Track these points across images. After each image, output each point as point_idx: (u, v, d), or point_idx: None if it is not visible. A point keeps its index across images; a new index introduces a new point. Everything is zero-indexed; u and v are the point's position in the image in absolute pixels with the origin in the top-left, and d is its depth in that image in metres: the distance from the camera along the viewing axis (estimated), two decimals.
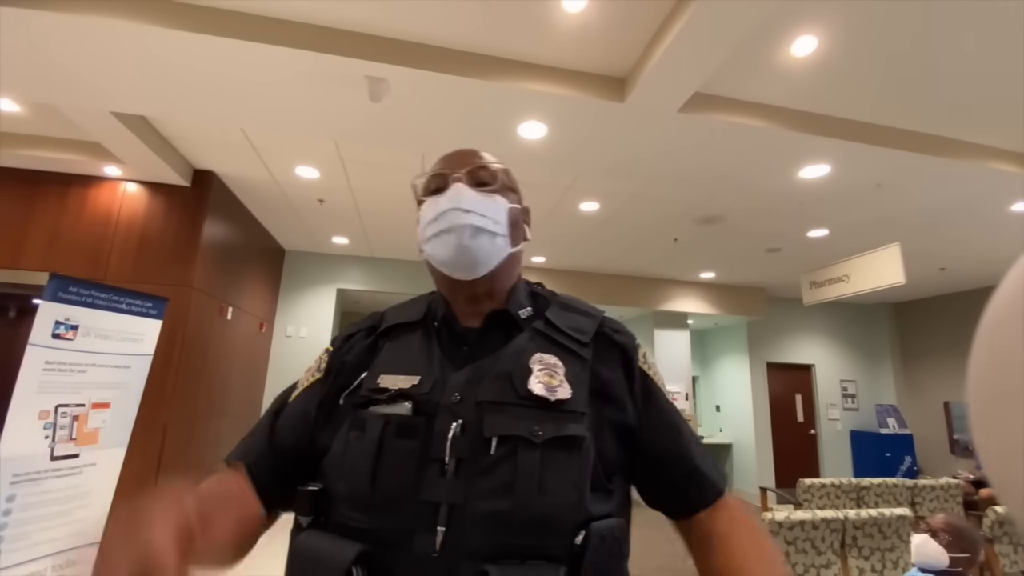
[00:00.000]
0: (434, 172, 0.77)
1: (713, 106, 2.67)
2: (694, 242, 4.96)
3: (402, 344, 0.74)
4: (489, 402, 0.62)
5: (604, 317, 0.77)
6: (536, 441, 0.58)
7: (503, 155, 3.35)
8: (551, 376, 0.64)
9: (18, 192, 3.55)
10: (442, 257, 0.72)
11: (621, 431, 0.67)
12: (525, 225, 0.82)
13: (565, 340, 0.69)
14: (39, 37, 2.22)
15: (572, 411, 0.62)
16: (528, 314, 0.74)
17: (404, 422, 0.62)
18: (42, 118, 3.15)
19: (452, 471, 0.58)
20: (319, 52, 2.25)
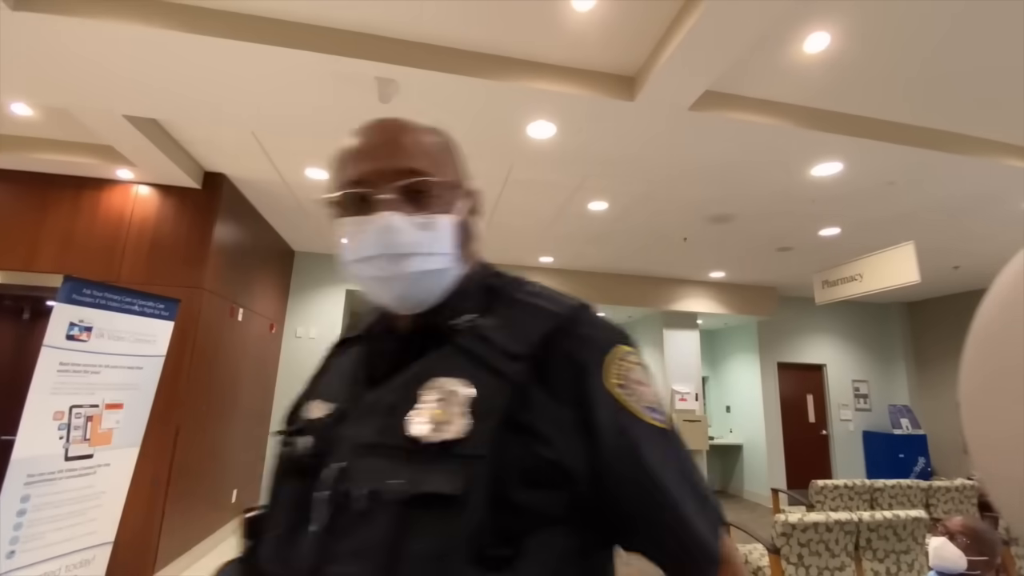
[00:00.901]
0: (349, 181, 0.58)
1: (724, 104, 2.65)
2: (704, 241, 4.93)
3: (342, 361, 0.66)
4: (365, 445, 0.52)
5: (569, 316, 0.58)
6: (393, 498, 0.47)
7: (512, 154, 3.35)
8: (443, 409, 0.51)
9: (32, 195, 3.59)
10: (380, 300, 0.60)
11: (550, 478, 0.50)
12: (474, 217, 0.68)
13: (489, 354, 0.54)
14: (53, 42, 2.25)
15: (459, 455, 0.48)
16: (467, 321, 0.58)
17: (295, 459, 0.57)
18: (55, 122, 3.19)
19: (323, 524, 0.50)
20: (329, 54, 2.26)
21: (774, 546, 2.52)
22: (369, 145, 0.59)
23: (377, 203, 0.56)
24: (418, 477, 0.47)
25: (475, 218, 0.68)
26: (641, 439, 0.54)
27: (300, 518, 0.52)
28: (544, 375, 0.53)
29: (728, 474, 7.43)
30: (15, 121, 3.21)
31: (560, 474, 0.50)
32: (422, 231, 0.57)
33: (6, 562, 2.34)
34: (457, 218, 0.62)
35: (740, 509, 6.39)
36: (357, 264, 0.58)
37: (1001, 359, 0.29)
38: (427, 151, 0.61)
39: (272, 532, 0.56)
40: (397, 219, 0.56)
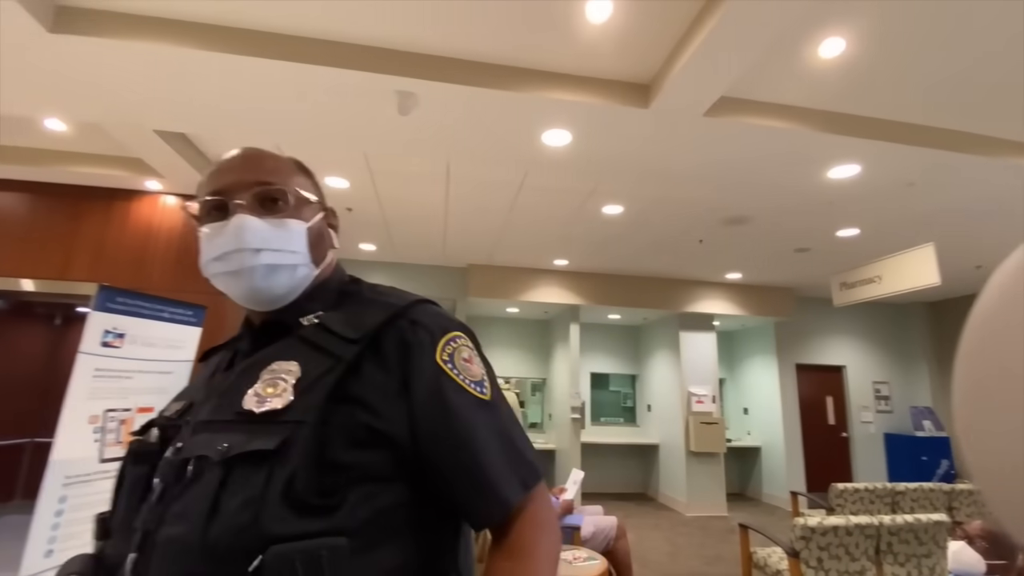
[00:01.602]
0: (209, 193, 0.66)
1: (739, 109, 2.66)
2: (720, 243, 4.92)
3: (204, 368, 0.74)
4: (202, 422, 0.59)
5: (408, 307, 0.66)
6: (216, 459, 0.53)
7: (526, 160, 3.41)
8: (274, 385, 0.58)
9: (66, 206, 3.73)
10: (235, 296, 0.66)
11: (373, 439, 0.57)
12: (331, 230, 0.75)
13: (326, 340, 0.62)
14: (88, 62, 2.35)
15: (282, 422, 0.55)
16: (312, 320, 0.65)
17: (139, 449, 0.62)
18: (88, 136, 3.32)
19: (156, 496, 0.56)
20: (350, 69, 2.32)
21: (793, 549, 2.52)
22: (229, 164, 0.68)
23: (232, 208, 0.64)
24: (242, 439, 0.54)
25: (329, 230, 0.74)
26: (455, 403, 0.60)
27: (140, 500, 0.58)
28: (378, 353, 0.61)
29: (746, 477, 7.37)
30: (50, 136, 3.34)
31: (383, 437, 0.57)
32: (273, 229, 0.65)
33: (44, 561, 2.44)
34: (307, 224, 0.69)
35: (758, 512, 6.34)
36: (213, 263, 0.65)
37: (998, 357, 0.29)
38: (280, 169, 0.69)
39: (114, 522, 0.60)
40: (249, 219, 0.64)
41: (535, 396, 7.48)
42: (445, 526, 0.62)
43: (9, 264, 3.63)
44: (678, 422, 6.36)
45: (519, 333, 7.53)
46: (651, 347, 7.43)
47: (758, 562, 3.14)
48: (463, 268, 6.08)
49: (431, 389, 0.60)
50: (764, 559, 3.10)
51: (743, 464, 7.36)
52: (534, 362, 7.52)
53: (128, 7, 2.19)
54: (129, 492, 0.60)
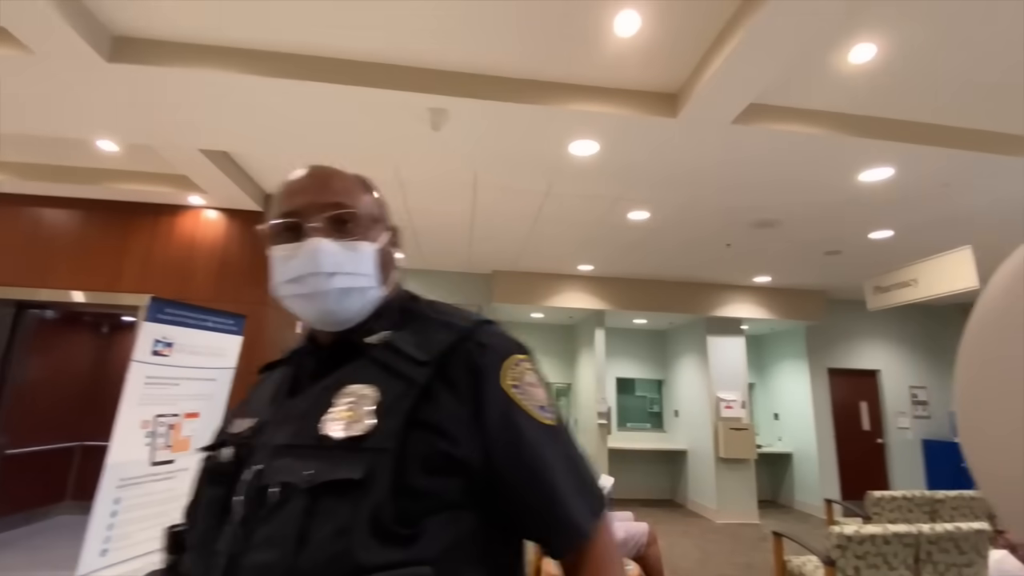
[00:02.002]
0: (283, 213, 0.67)
1: (768, 116, 2.66)
2: (748, 247, 4.88)
3: (268, 383, 0.73)
4: (282, 446, 0.59)
5: (474, 328, 0.67)
6: (303, 487, 0.53)
7: (552, 169, 3.47)
8: (352, 410, 0.58)
9: (116, 222, 3.94)
10: (307, 318, 0.67)
11: (448, 467, 0.57)
12: (394, 250, 0.76)
13: (398, 362, 0.62)
14: (142, 88, 2.50)
15: (364, 449, 0.55)
16: (382, 338, 0.66)
17: (216, 468, 0.62)
18: (137, 155, 3.51)
19: (240, 519, 0.56)
20: (385, 89, 2.42)
21: (829, 558, 2.50)
22: (300, 185, 0.68)
23: (306, 231, 0.65)
24: (326, 467, 0.54)
25: (395, 249, 0.76)
26: (527, 430, 0.61)
27: (219, 520, 0.58)
28: (446, 377, 0.61)
29: (777, 484, 7.23)
30: (102, 156, 3.54)
31: (458, 465, 0.57)
32: (346, 253, 0.66)
33: (99, 559, 2.57)
34: (377, 246, 0.70)
35: (791, 520, 6.22)
36: (286, 285, 0.66)
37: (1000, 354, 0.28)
38: (349, 190, 0.70)
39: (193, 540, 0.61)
40: (324, 242, 0.65)
41: (560, 401, 7.50)
42: (510, 550, 0.63)
43: (63, 277, 3.85)
44: (706, 428, 6.30)
45: (544, 338, 7.57)
46: (678, 352, 7.38)
47: (792, 570, 3.10)
48: (488, 274, 6.16)
49: (502, 417, 0.61)
50: (799, 568, 3.06)
51: (774, 471, 7.23)
52: (559, 367, 7.55)
53: (178, 36, 2.33)
54: (207, 511, 0.60)
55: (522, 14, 2.11)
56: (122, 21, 2.24)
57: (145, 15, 2.20)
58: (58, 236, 3.94)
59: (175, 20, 2.23)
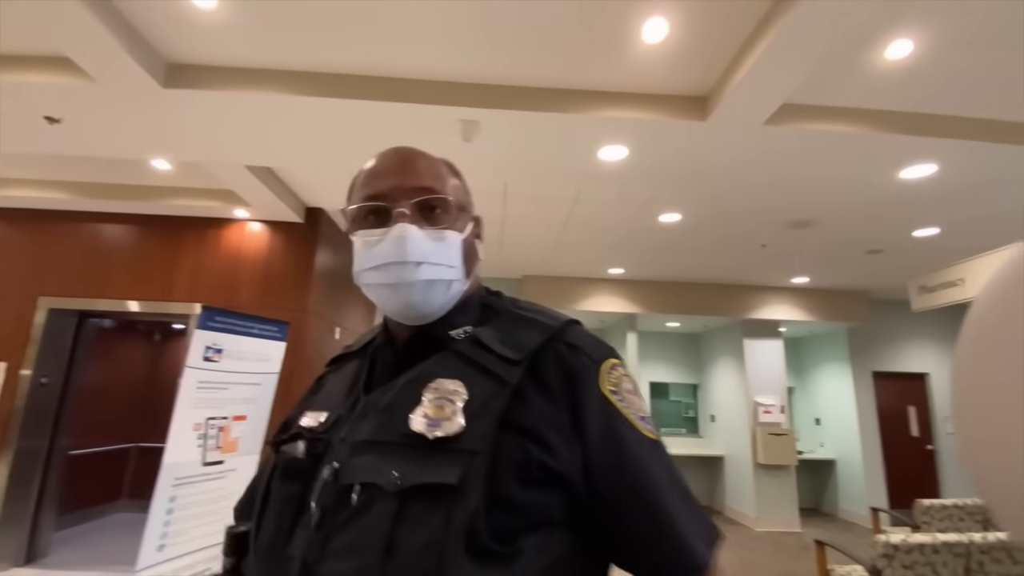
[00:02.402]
0: (369, 196, 0.63)
1: (802, 115, 2.63)
2: (785, 247, 4.77)
3: (339, 376, 0.69)
4: (362, 442, 0.54)
5: (563, 328, 0.61)
6: (391, 490, 0.48)
7: (581, 175, 3.49)
8: (441, 407, 0.53)
9: (168, 236, 4.18)
10: (389, 308, 0.63)
11: (546, 479, 0.51)
12: (478, 240, 0.71)
13: (486, 359, 0.57)
14: (195, 111, 2.66)
15: (456, 450, 0.49)
16: (463, 333, 0.62)
17: (289, 464, 0.58)
18: (187, 173, 3.72)
19: (316, 522, 0.51)
20: (418, 103, 2.51)
21: (875, 568, 2.43)
22: (386, 166, 0.64)
23: (394, 216, 0.61)
24: (416, 469, 0.49)
25: (478, 241, 0.71)
26: (631, 442, 0.55)
27: (292, 521, 0.54)
28: (538, 379, 0.55)
29: (820, 491, 7.00)
30: (155, 174, 3.77)
31: (556, 477, 0.51)
32: (433, 242, 0.61)
33: (157, 554, 2.73)
34: (463, 236, 0.65)
35: (835, 528, 6.01)
36: (370, 272, 0.62)
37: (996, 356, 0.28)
38: (438, 174, 0.66)
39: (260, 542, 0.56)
40: (412, 229, 0.60)
41: None
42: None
43: (120, 288, 4.10)
44: (744, 433, 6.16)
45: None
46: (713, 355, 7.25)
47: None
48: (518, 279, 6.21)
49: (603, 426, 0.55)
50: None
51: (817, 478, 6.99)
52: None
53: (227, 61, 2.48)
54: (279, 513, 0.55)
55: (550, 25, 2.16)
56: (176, 49, 2.40)
57: (197, 43, 2.35)
58: (115, 250, 4.20)
59: (224, 47, 2.38)
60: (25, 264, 4.12)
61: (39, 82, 2.46)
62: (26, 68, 2.45)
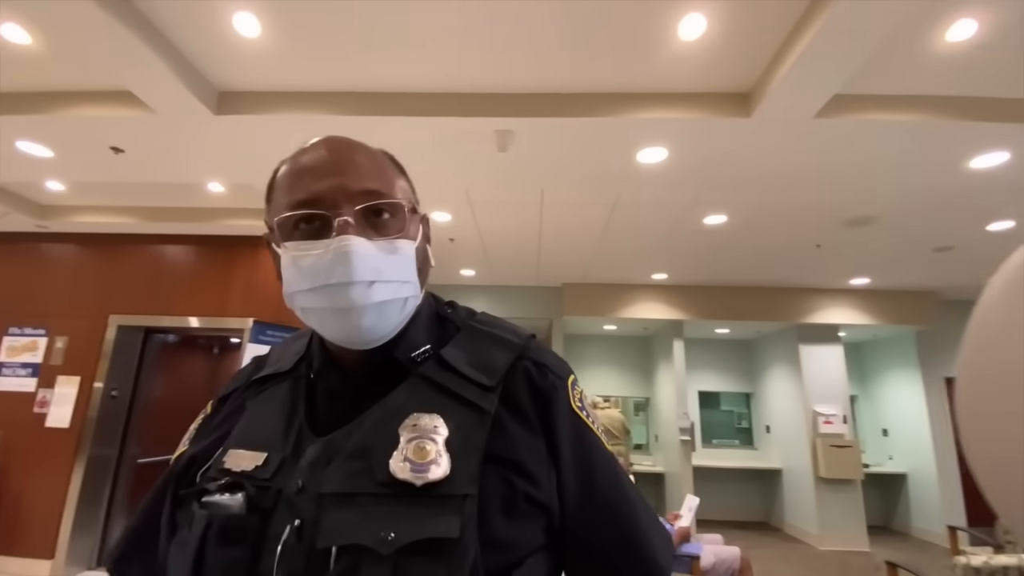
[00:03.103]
0: (301, 201, 0.51)
1: (856, 106, 2.48)
2: (842, 247, 4.51)
3: (265, 403, 0.57)
4: (332, 494, 0.45)
5: (529, 345, 0.57)
6: (384, 552, 0.41)
7: (620, 180, 3.44)
8: (422, 447, 0.46)
9: (223, 255, 4.40)
10: (331, 335, 0.53)
11: (530, 510, 0.49)
12: (427, 245, 0.61)
13: (460, 386, 0.51)
14: (245, 135, 2.80)
15: (448, 496, 0.44)
16: (424, 354, 0.55)
17: (228, 523, 0.46)
18: (239, 194, 3.90)
19: None
20: (454, 117, 2.53)
21: None
22: (320, 163, 0.53)
23: (336, 226, 0.50)
24: (410, 524, 0.43)
25: (426, 238, 0.61)
26: (601, 460, 0.55)
27: None
28: (511, 404, 0.52)
29: (890, 508, 6.51)
30: (210, 197, 3.98)
31: (539, 505, 0.49)
32: (385, 255, 0.52)
33: None
34: (415, 243, 0.56)
35: (908, 548, 5.57)
36: (306, 295, 0.51)
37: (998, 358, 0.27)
38: (383, 172, 0.56)
39: None
40: (359, 243, 0.49)
41: (638, 416, 7.27)
42: None
43: (181, 304, 4.35)
44: (803, 445, 5.82)
45: (618, 351, 7.40)
46: (766, 362, 6.92)
47: None
48: (558, 287, 6.15)
49: (576, 446, 0.54)
50: None
51: (886, 493, 6.51)
52: (636, 380, 7.33)
53: (271, 86, 2.59)
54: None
55: (582, 29, 2.13)
56: (226, 78, 2.53)
57: (244, 72, 2.47)
58: (176, 269, 4.46)
59: (268, 74, 2.49)
60: (97, 284, 4.44)
61: (105, 115, 2.65)
62: (94, 103, 2.65)
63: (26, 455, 4.04)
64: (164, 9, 2.08)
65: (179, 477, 0.55)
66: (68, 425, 4.07)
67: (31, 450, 4.05)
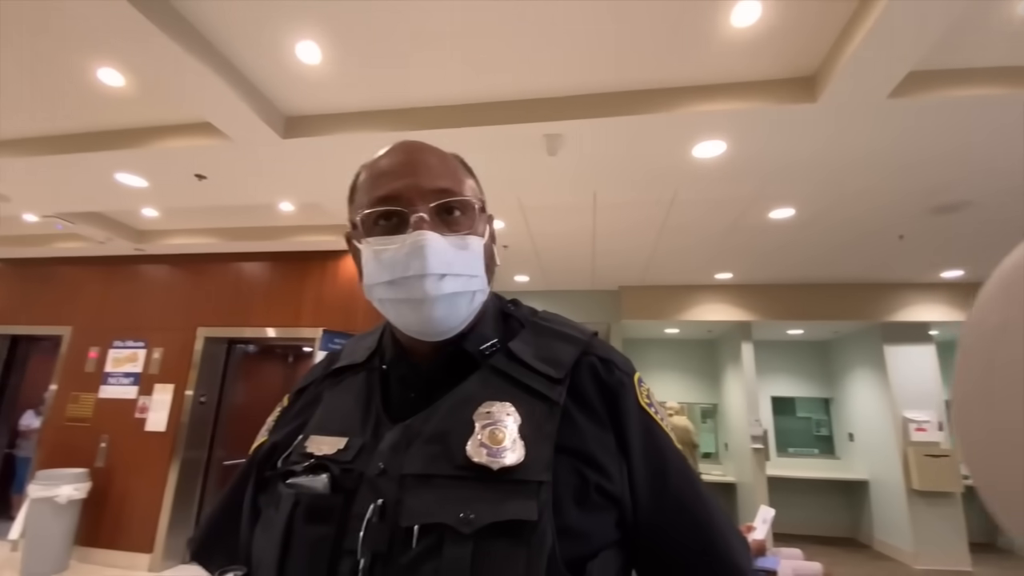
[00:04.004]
0: (380, 198, 0.55)
1: (935, 83, 2.27)
2: (929, 236, 4.13)
3: (342, 393, 0.60)
4: (414, 475, 0.48)
5: (592, 341, 0.58)
6: (465, 532, 0.43)
7: (676, 177, 3.34)
8: (496, 433, 0.48)
9: (294, 269, 4.69)
10: (406, 326, 0.56)
11: (603, 502, 0.49)
12: (493, 244, 0.64)
13: (529, 378, 0.53)
14: (312, 156, 2.97)
15: (523, 481, 0.46)
16: (492, 348, 0.57)
17: (315, 502, 0.49)
18: (307, 212, 4.15)
19: (364, 570, 0.45)
20: (502, 124, 2.57)
21: None
22: (397, 164, 0.57)
23: (412, 222, 0.53)
24: (489, 506, 0.45)
25: (494, 243, 0.64)
26: (672, 458, 0.55)
27: (327, 570, 0.46)
28: (579, 397, 0.53)
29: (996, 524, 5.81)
30: (282, 215, 4.26)
31: (611, 498, 0.50)
32: (456, 251, 0.55)
33: None
34: (483, 240, 0.59)
35: (1019, 569, 4.96)
36: (384, 287, 0.55)
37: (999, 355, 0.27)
38: (454, 172, 0.60)
39: None
40: (433, 237, 0.53)
41: (706, 423, 6.97)
42: None
43: (258, 317, 4.67)
44: (893, 454, 5.35)
45: (681, 355, 7.14)
46: (847, 365, 6.43)
47: None
48: (614, 291, 6.04)
49: (646, 441, 0.54)
50: None
51: None
52: (701, 386, 7.04)
53: (333, 109, 2.74)
54: (311, 561, 0.47)
55: (629, 26, 2.10)
56: (292, 104, 2.71)
57: (307, 97, 2.64)
58: (254, 284, 4.80)
59: (329, 97, 2.63)
60: (187, 300, 4.86)
61: (189, 146, 2.91)
62: (179, 135, 2.92)
63: (129, 457, 4.48)
64: (236, 45, 2.26)
65: (261, 463, 0.59)
66: (164, 429, 4.46)
67: (133, 452, 4.48)
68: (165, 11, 2.02)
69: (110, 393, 4.69)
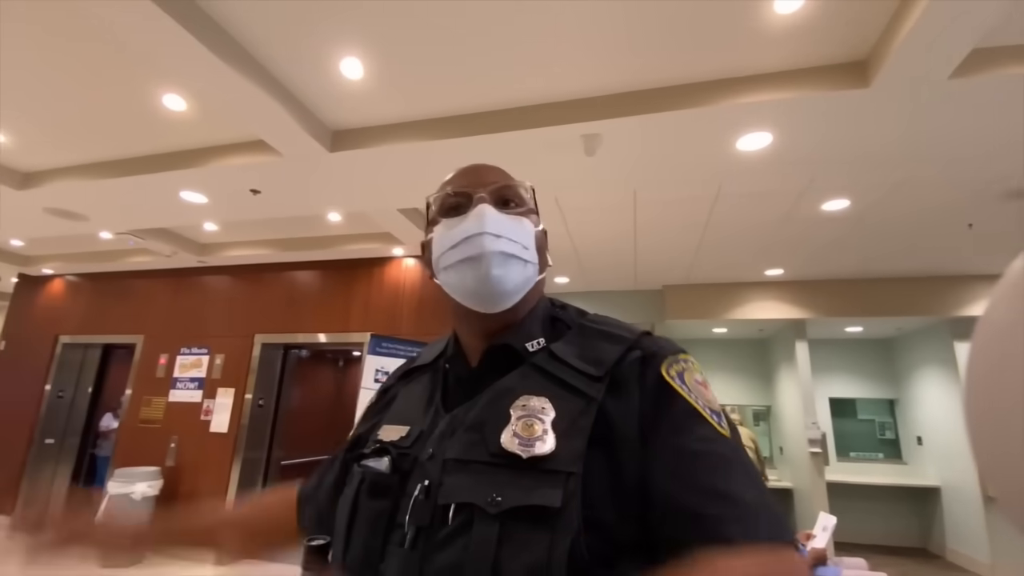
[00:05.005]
0: (454, 189, 0.67)
1: (1003, 60, 2.12)
2: (1001, 224, 3.83)
3: (411, 390, 0.70)
4: (454, 460, 0.54)
5: (640, 339, 0.60)
6: (492, 512, 0.47)
7: (719, 171, 3.25)
8: (530, 425, 0.52)
9: (343, 277, 4.87)
10: (466, 287, 0.62)
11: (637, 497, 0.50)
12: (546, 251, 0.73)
13: (568, 375, 0.57)
14: (357, 167, 3.09)
15: (553, 471, 0.49)
16: (537, 346, 0.62)
17: (376, 480, 0.57)
18: (353, 221, 4.31)
19: (410, 541, 0.51)
20: (539, 127, 2.58)
21: None
22: (466, 170, 0.71)
23: (475, 200, 0.64)
24: (515, 491, 0.48)
25: (545, 251, 0.71)
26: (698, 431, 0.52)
27: (383, 540, 0.53)
28: (618, 393, 0.55)
29: None
30: (330, 225, 4.44)
31: (638, 492, 0.50)
32: (510, 221, 0.64)
33: None
34: (537, 229, 0.68)
35: None
36: (449, 252, 0.63)
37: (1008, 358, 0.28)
38: (510, 178, 0.70)
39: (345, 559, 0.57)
40: (490, 208, 0.64)
41: (759, 426, 6.70)
42: None
43: (310, 323, 4.87)
44: (967, 459, 4.97)
45: (730, 355, 6.89)
46: (913, 364, 6.04)
47: None
48: (658, 291, 5.91)
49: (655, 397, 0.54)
50: None
51: None
52: (752, 387, 6.77)
53: (377, 121, 2.84)
54: (370, 530, 0.55)
55: (668, 19, 2.08)
56: (338, 118, 2.83)
57: (351, 111, 2.74)
58: (306, 291, 5.02)
59: (372, 111, 2.74)
60: (245, 308, 5.13)
61: (245, 163, 3.09)
62: (235, 153, 3.10)
63: (195, 457, 4.77)
64: (285, 66, 2.39)
65: (348, 450, 0.71)
66: (227, 430, 4.73)
67: (199, 452, 4.77)
68: (223, 40, 2.17)
69: (178, 397, 5.02)
